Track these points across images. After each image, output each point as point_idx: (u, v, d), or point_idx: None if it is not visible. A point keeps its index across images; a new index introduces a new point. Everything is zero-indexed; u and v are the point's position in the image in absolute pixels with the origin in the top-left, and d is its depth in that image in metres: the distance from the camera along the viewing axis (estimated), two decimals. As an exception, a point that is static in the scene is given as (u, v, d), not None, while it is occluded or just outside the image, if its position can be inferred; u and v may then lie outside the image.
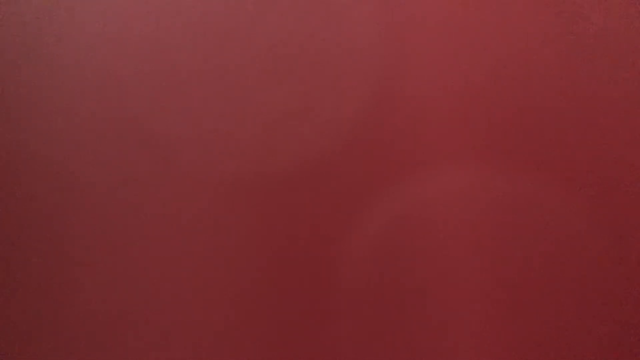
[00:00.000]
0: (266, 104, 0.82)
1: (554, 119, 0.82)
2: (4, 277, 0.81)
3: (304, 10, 0.82)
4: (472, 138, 0.82)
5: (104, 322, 0.80)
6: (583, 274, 0.81)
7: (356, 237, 0.81)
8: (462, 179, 0.82)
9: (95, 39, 0.82)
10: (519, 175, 0.82)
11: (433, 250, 0.82)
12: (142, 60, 0.82)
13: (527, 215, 0.82)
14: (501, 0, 0.83)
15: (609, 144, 0.82)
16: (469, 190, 0.82)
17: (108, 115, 0.81)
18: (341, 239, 0.81)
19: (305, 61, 0.82)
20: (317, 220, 0.81)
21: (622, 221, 0.82)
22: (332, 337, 0.81)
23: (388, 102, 0.82)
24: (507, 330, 0.81)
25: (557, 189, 0.82)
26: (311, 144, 0.81)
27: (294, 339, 0.81)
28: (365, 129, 0.82)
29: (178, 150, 0.81)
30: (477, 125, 0.82)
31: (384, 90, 0.82)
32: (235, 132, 0.81)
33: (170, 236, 0.81)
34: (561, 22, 0.83)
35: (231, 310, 0.81)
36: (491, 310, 0.82)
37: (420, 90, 0.82)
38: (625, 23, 0.83)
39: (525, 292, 0.82)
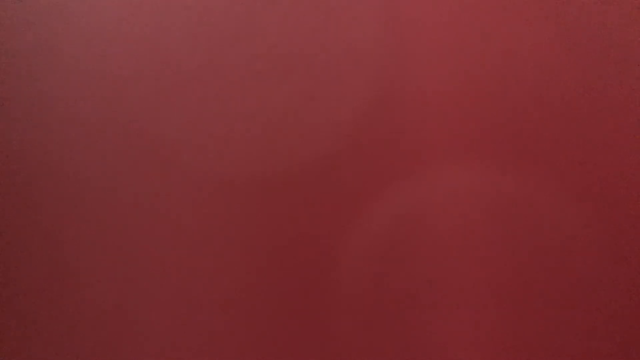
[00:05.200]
0: (266, 105, 0.82)
1: (554, 119, 0.82)
2: (4, 277, 0.81)
3: (304, 10, 0.82)
4: (472, 138, 0.82)
5: (103, 322, 0.80)
6: (583, 274, 0.81)
7: (356, 237, 0.81)
8: (462, 179, 0.82)
9: (94, 40, 0.82)
10: (519, 175, 0.82)
11: (433, 250, 0.82)
12: (141, 60, 0.82)
13: (527, 215, 0.82)
14: (502, 0, 0.83)
15: (610, 144, 0.82)
16: (469, 190, 0.82)
17: (107, 116, 0.81)
18: (341, 239, 0.81)
19: (305, 61, 0.82)
20: (317, 221, 0.81)
21: (623, 221, 0.82)
22: (331, 337, 0.81)
23: (388, 102, 0.82)
24: (507, 331, 0.81)
25: (558, 189, 0.82)
26: (311, 144, 0.81)
27: (294, 338, 0.81)
28: (365, 129, 0.82)
29: (177, 151, 0.81)
30: (478, 125, 0.82)
31: (384, 90, 0.82)
32: (235, 133, 0.81)
33: (170, 236, 0.81)
34: (562, 22, 0.83)
35: (231, 311, 0.81)
36: (491, 310, 0.82)
37: (421, 90, 0.82)
38: (626, 23, 0.83)
39: (525, 292, 0.82)
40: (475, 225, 0.82)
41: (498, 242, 0.82)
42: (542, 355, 0.81)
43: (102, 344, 0.80)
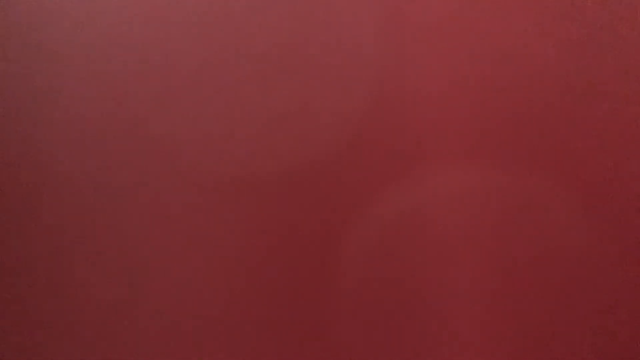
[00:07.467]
0: (266, 105, 0.82)
1: (554, 118, 0.82)
2: (5, 278, 0.81)
3: (304, 10, 0.82)
4: (472, 138, 0.82)
5: (103, 321, 0.80)
6: (583, 273, 0.81)
7: (356, 236, 0.81)
8: (462, 179, 0.82)
9: (96, 41, 0.82)
10: (518, 174, 0.82)
11: (433, 250, 0.82)
12: (142, 60, 0.82)
13: (527, 214, 0.82)
14: (500, 0, 0.83)
15: (609, 144, 0.82)
16: (469, 190, 0.82)
17: (109, 116, 0.81)
18: (341, 238, 0.81)
19: (305, 61, 0.82)
20: (316, 220, 0.81)
21: (622, 221, 0.82)
22: (331, 337, 0.81)
23: (388, 102, 0.82)
24: (507, 330, 0.81)
25: (557, 189, 0.82)
26: (311, 144, 0.81)
27: (294, 338, 0.81)
28: (365, 129, 0.82)
29: (178, 151, 0.81)
30: (477, 125, 0.82)
31: (384, 91, 0.82)
32: (236, 133, 0.81)
33: (170, 236, 0.81)
34: (560, 21, 0.83)
35: (231, 310, 0.81)
36: (491, 309, 0.82)
37: (421, 90, 0.82)
38: (625, 21, 0.83)
39: (526, 292, 0.82)
40: (476, 225, 0.82)
41: (499, 242, 0.82)
42: (542, 355, 0.81)
43: (102, 343, 0.81)
